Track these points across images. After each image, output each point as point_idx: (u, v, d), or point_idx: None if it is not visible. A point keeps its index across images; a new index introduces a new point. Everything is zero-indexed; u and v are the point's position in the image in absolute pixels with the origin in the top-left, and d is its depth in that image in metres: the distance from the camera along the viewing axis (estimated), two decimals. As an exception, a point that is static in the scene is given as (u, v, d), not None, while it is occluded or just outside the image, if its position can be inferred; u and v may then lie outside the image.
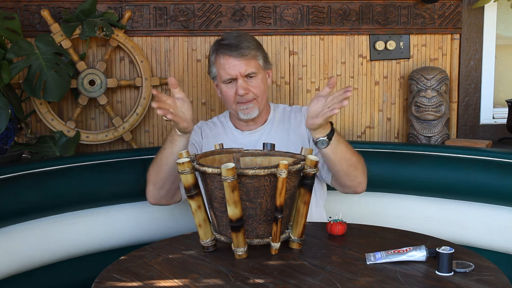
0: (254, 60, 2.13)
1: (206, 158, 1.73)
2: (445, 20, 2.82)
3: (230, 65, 2.10)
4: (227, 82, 2.13)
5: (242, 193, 1.56)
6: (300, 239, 1.66)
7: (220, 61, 2.13)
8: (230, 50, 2.11)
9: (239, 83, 2.10)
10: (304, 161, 1.62)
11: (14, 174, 2.09)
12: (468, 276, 1.46)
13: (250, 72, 2.11)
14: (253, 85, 2.12)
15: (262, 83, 2.15)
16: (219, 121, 2.28)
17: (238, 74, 2.10)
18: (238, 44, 2.11)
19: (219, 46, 2.14)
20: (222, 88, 2.16)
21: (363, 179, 2.05)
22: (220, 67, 2.13)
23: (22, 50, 2.30)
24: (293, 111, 2.26)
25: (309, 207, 1.68)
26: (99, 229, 2.22)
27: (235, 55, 2.10)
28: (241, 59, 2.10)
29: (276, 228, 1.59)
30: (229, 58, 2.11)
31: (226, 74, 2.12)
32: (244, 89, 2.10)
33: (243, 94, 2.10)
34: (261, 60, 2.16)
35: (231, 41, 2.12)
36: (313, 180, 1.63)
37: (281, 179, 1.53)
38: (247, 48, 2.11)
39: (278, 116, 2.24)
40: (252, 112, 2.14)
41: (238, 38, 2.13)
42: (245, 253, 1.60)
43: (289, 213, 1.66)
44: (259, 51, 2.16)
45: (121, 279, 1.49)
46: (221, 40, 2.16)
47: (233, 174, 1.50)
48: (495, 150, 2.33)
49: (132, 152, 2.38)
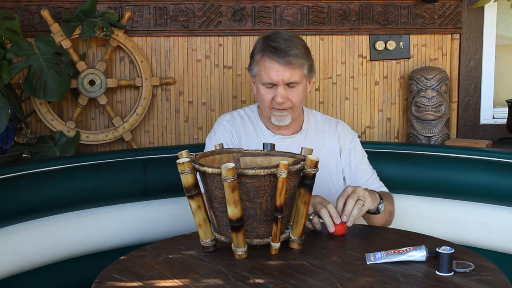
0: (299, 69, 2.02)
1: (206, 158, 1.73)
2: (445, 20, 2.82)
3: (274, 71, 2.00)
4: (267, 86, 2.04)
5: (242, 193, 1.56)
6: (300, 239, 1.66)
7: (265, 64, 2.02)
8: (278, 56, 1.99)
9: (279, 90, 2.01)
10: (304, 161, 1.62)
11: (14, 174, 2.09)
12: (468, 276, 1.46)
13: (293, 81, 2.01)
14: (292, 95, 2.03)
15: (302, 93, 2.06)
16: (247, 116, 2.20)
17: (280, 81, 2.00)
18: (288, 50, 1.99)
19: (266, 47, 2.02)
20: (260, 90, 2.06)
21: (391, 219, 2.12)
22: (263, 69, 2.03)
23: (22, 50, 2.30)
24: (327, 123, 2.21)
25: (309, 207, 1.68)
26: (99, 229, 2.22)
27: (281, 62, 1.99)
28: (286, 67, 1.99)
29: (276, 228, 1.59)
30: (275, 63, 1.99)
31: (268, 78, 2.01)
32: (283, 97, 2.02)
33: (281, 102, 2.02)
34: (306, 70, 2.04)
35: (280, 45, 2.00)
36: (313, 180, 1.63)
37: (281, 179, 1.53)
38: (296, 56, 2.00)
39: (312, 125, 2.19)
40: (285, 120, 2.07)
41: (288, 43, 2.01)
42: (245, 253, 1.60)
43: (289, 213, 1.66)
44: (306, 59, 2.04)
45: (121, 279, 1.49)
46: (270, 40, 2.03)
47: (233, 174, 1.50)
48: (495, 150, 2.33)
49: (132, 152, 2.38)
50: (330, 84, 2.81)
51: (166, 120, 2.73)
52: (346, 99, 2.83)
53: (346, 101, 2.83)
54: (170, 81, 2.68)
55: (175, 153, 2.02)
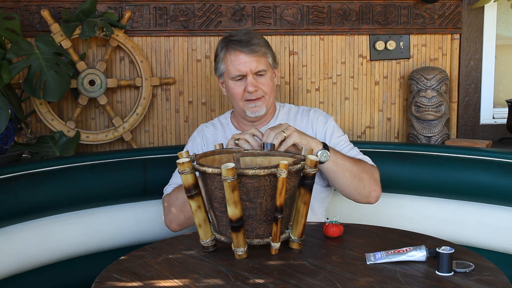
0: (264, 57, 2.10)
1: (206, 158, 1.73)
2: (445, 20, 2.82)
3: (241, 62, 2.07)
4: (236, 79, 2.09)
5: (242, 193, 1.56)
6: (300, 239, 1.66)
7: (230, 57, 2.08)
8: (241, 46, 2.07)
9: (249, 80, 2.07)
10: (304, 161, 1.62)
11: (14, 174, 2.09)
12: (468, 276, 1.46)
13: (260, 69, 2.08)
14: (262, 83, 2.09)
15: (271, 81, 2.12)
16: (219, 123, 2.26)
17: (248, 71, 2.07)
18: (249, 40, 2.07)
19: (229, 42, 2.10)
20: (229, 85, 2.12)
21: (371, 188, 2.03)
22: (229, 63, 2.09)
23: (22, 50, 2.30)
24: (300, 113, 2.23)
25: (309, 207, 1.68)
26: (99, 229, 2.22)
27: (246, 51, 2.06)
28: (252, 55, 2.06)
29: (276, 228, 1.59)
30: (240, 54, 2.07)
31: (236, 70, 2.08)
32: (253, 86, 2.07)
33: (252, 91, 2.07)
34: (270, 58, 2.13)
35: (241, 37, 2.09)
36: (313, 180, 1.63)
37: (281, 179, 1.53)
38: (258, 44, 2.08)
39: (282, 116, 2.21)
40: (260, 110, 2.11)
41: (248, 35, 2.09)
42: (245, 253, 1.60)
43: (289, 213, 1.66)
44: (268, 48, 2.13)
45: (121, 279, 1.49)
46: (230, 36, 2.12)
47: (233, 174, 1.50)
48: (495, 150, 2.33)
49: (132, 152, 2.38)
50: (330, 84, 2.81)
51: (166, 120, 2.73)
52: (346, 99, 2.83)
53: (346, 101, 2.83)
54: (170, 81, 2.68)
55: (175, 153, 2.03)
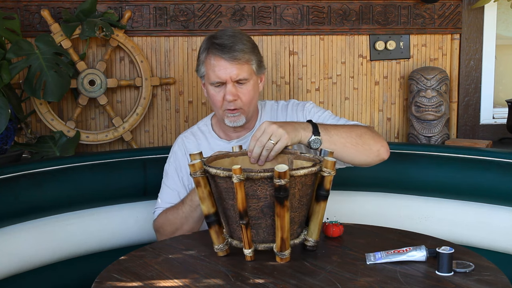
0: (247, 64, 1.95)
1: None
2: (445, 20, 2.82)
3: (221, 68, 1.93)
4: (215, 85, 1.97)
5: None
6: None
7: (210, 62, 1.95)
8: (222, 52, 1.92)
9: (228, 88, 1.94)
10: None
11: (14, 174, 2.09)
12: (468, 276, 1.46)
13: (241, 77, 1.94)
14: (242, 92, 1.96)
15: (253, 89, 1.99)
16: (199, 131, 2.15)
17: (228, 79, 1.93)
18: (232, 45, 1.93)
19: (211, 45, 1.96)
20: (209, 90, 2.00)
21: (378, 145, 1.89)
22: (209, 68, 1.96)
23: (22, 50, 2.30)
24: (279, 109, 2.13)
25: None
26: (99, 229, 2.22)
27: (227, 58, 1.92)
28: (233, 62, 1.92)
29: (246, 233, 1.55)
30: (220, 60, 1.93)
31: (215, 76, 1.94)
32: (233, 95, 1.94)
33: (231, 99, 1.94)
34: (255, 65, 1.98)
35: (224, 41, 1.94)
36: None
37: (238, 184, 1.48)
38: (241, 51, 1.93)
39: (265, 117, 2.11)
40: (239, 121, 2.00)
41: (232, 39, 1.95)
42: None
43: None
44: (253, 54, 1.98)
45: (121, 279, 1.49)
46: (214, 38, 1.97)
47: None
48: (495, 150, 2.33)
49: (132, 152, 2.38)
50: (330, 84, 2.81)
51: (166, 120, 2.73)
52: (346, 99, 2.83)
53: (346, 101, 2.83)
54: (170, 81, 2.68)
55: (175, 153, 2.03)
